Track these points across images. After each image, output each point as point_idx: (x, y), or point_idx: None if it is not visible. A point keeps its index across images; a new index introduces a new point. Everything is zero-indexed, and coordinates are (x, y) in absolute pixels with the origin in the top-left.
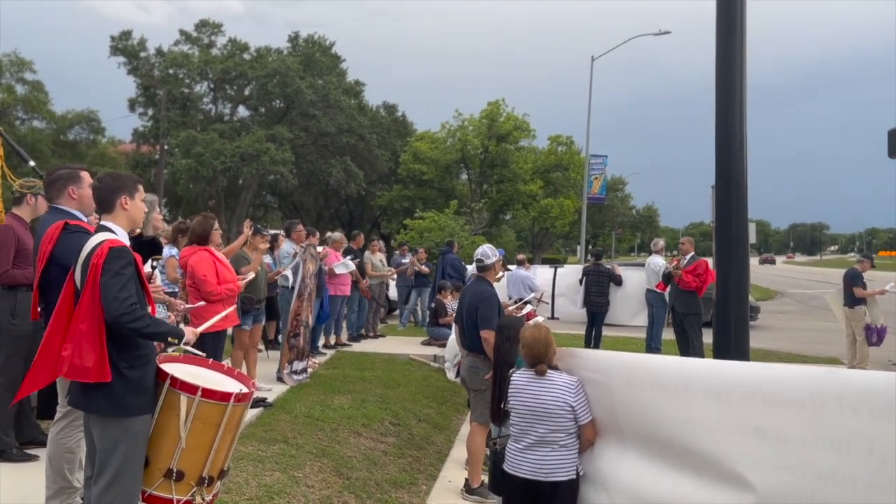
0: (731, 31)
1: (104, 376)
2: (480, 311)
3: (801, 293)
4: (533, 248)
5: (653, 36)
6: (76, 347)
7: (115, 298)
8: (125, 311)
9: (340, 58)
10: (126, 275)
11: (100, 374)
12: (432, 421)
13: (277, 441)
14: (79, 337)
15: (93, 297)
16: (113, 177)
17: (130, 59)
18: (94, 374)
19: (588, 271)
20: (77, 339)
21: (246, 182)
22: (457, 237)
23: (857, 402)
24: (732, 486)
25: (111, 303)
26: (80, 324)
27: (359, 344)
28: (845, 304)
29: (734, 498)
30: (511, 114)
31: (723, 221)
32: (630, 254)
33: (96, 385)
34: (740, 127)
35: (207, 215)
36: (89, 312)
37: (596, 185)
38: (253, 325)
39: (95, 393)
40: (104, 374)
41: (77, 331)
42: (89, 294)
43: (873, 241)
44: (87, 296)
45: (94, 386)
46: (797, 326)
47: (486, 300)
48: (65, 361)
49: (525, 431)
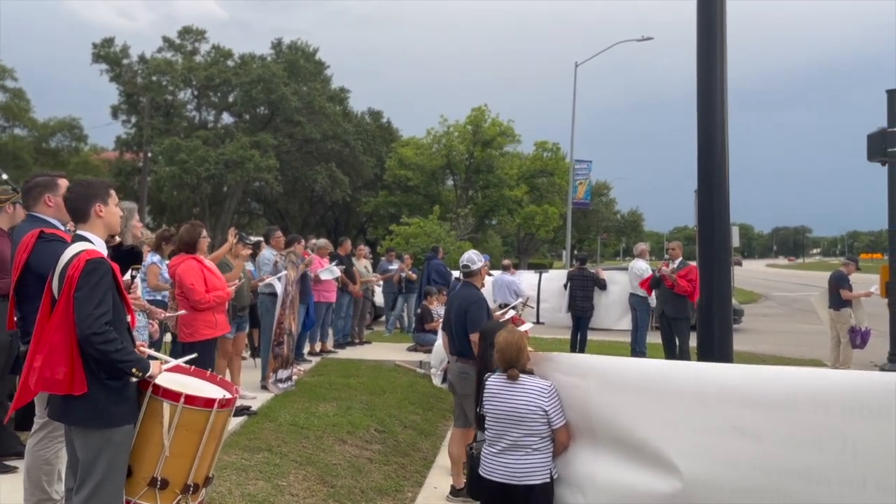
0: (712, 38)
1: (75, 389)
2: (470, 315)
3: (785, 296)
4: (519, 253)
5: (636, 42)
6: (47, 359)
7: (89, 315)
8: (97, 331)
9: (325, 64)
10: (102, 288)
11: (70, 387)
12: (418, 427)
13: (261, 449)
14: (50, 348)
15: (66, 308)
16: (84, 184)
17: (113, 66)
18: (65, 386)
19: (573, 276)
20: (48, 351)
21: (230, 189)
22: (442, 243)
23: (829, 400)
24: (709, 485)
25: (84, 319)
26: (52, 335)
27: (344, 351)
28: (831, 307)
29: (710, 496)
30: (496, 119)
31: (706, 225)
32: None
33: (77, 396)
34: (722, 132)
35: (195, 223)
36: (62, 324)
37: (581, 189)
38: (236, 333)
39: (76, 404)
40: (75, 387)
41: (49, 342)
42: (63, 305)
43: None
44: (62, 307)
45: (74, 397)
46: (780, 329)
47: (476, 304)
48: (35, 373)
49: (499, 435)
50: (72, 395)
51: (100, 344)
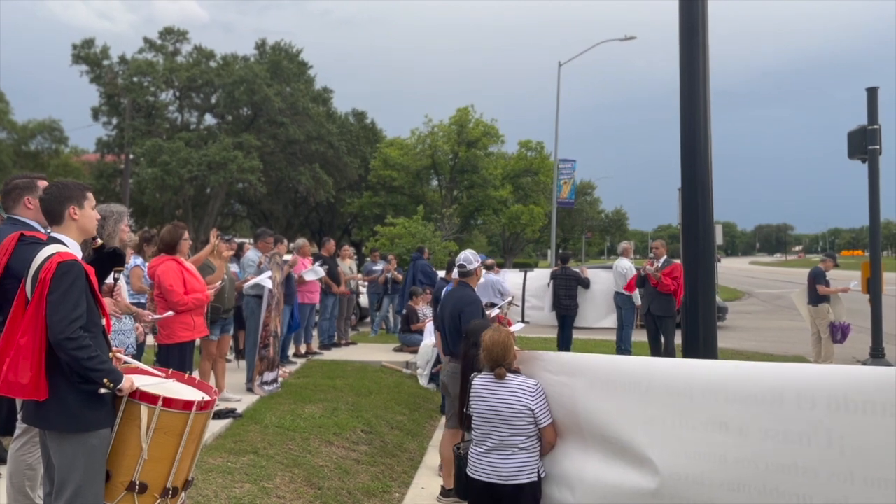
0: (694, 37)
1: (39, 394)
2: (465, 316)
3: (768, 293)
4: (504, 252)
5: (619, 41)
6: (13, 362)
7: (62, 320)
8: (70, 336)
9: (308, 65)
10: (76, 291)
11: (35, 392)
12: (405, 428)
13: (247, 452)
14: (16, 351)
15: (37, 312)
16: (58, 186)
17: (93, 68)
18: (29, 391)
19: (555, 275)
20: (15, 354)
21: (214, 191)
22: (428, 243)
23: (814, 395)
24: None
25: (57, 324)
26: (20, 338)
27: (330, 352)
28: (809, 303)
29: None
30: (480, 120)
31: (689, 224)
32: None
33: (50, 401)
34: (705, 131)
35: (178, 224)
36: (31, 327)
37: (565, 189)
38: (220, 335)
39: (49, 408)
40: (39, 392)
41: (16, 345)
42: (34, 309)
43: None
44: (32, 310)
45: (48, 402)
46: (764, 326)
47: (472, 304)
48: (0, 376)
49: (485, 435)
50: (45, 400)
51: (72, 350)
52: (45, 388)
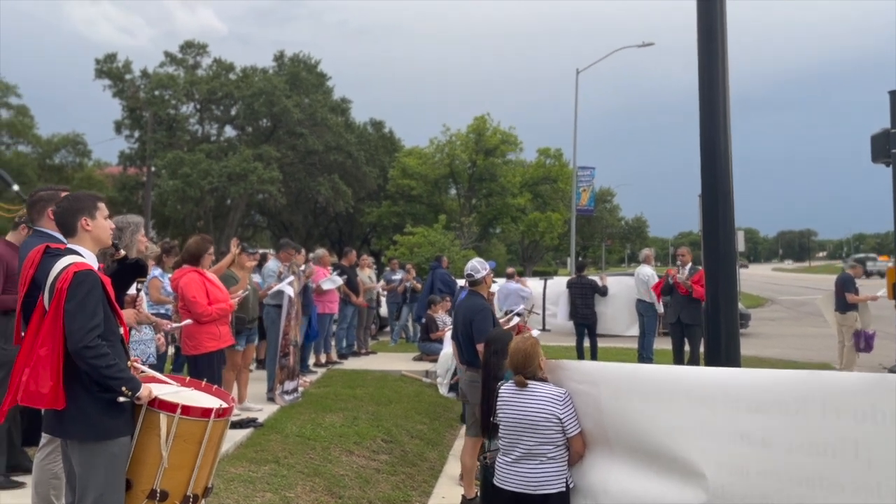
0: (712, 42)
1: (58, 403)
2: (475, 325)
3: (792, 300)
4: (523, 261)
5: (637, 48)
6: (33, 372)
7: (80, 328)
8: (89, 344)
9: (326, 76)
10: (92, 300)
11: (54, 401)
12: (425, 437)
13: (268, 461)
14: (36, 361)
15: (55, 322)
16: (71, 198)
17: (116, 82)
18: (48, 400)
19: (571, 283)
20: (35, 364)
21: (234, 202)
22: (447, 252)
23: (840, 404)
24: (718, 494)
25: (75, 332)
26: (39, 348)
27: (350, 361)
28: (836, 310)
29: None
30: (498, 128)
31: (710, 230)
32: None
33: (70, 410)
34: (725, 136)
35: (206, 237)
36: (49, 337)
37: (584, 196)
38: (246, 346)
39: (69, 418)
40: (58, 402)
41: (36, 355)
42: (52, 318)
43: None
44: (50, 320)
45: (67, 411)
46: (788, 333)
47: (481, 313)
48: (21, 386)
49: (513, 444)
50: (65, 409)
51: (91, 358)
52: (63, 397)
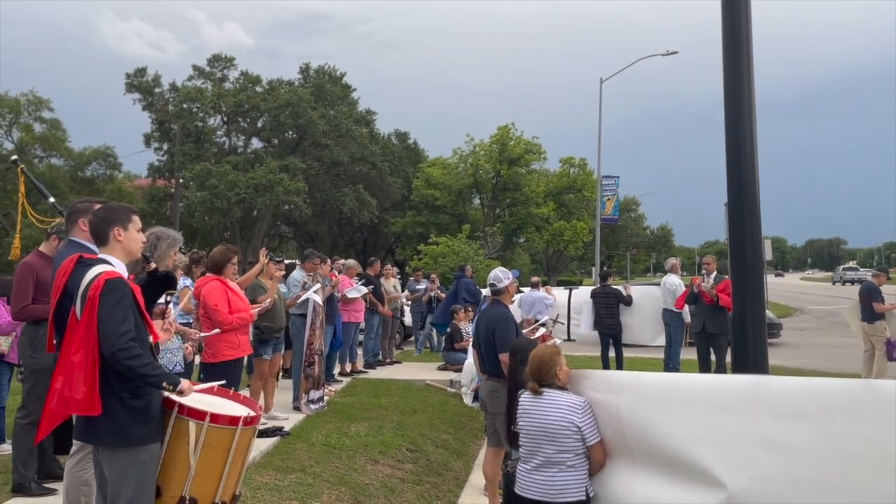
0: (738, 49)
1: (93, 409)
2: (498, 334)
3: (821, 309)
4: (548, 270)
5: (661, 56)
6: (67, 379)
7: (114, 332)
8: (123, 347)
9: (351, 87)
10: (124, 306)
11: (89, 408)
12: (450, 447)
13: (294, 470)
14: (70, 368)
15: (87, 328)
16: (106, 209)
17: (145, 96)
18: (84, 406)
19: (595, 293)
20: (69, 371)
21: (260, 213)
22: (471, 261)
23: (866, 411)
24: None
25: (109, 336)
26: (72, 355)
27: (375, 371)
28: (863, 319)
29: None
30: (521, 137)
31: (736, 239)
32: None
33: (100, 417)
34: (751, 144)
35: (230, 247)
36: (83, 344)
37: (609, 205)
38: (273, 355)
39: (99, 424)
40: (93, 408)
41: (69, 362)
42: (84, 326)
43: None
44: (83, 327)
45: (98, 418)
46: (818, 343)
47: (503, 322)
48: (55, 393)
49: (533, 452)
50: (94, 417)
51: (126, 360)
52: (98, 404)
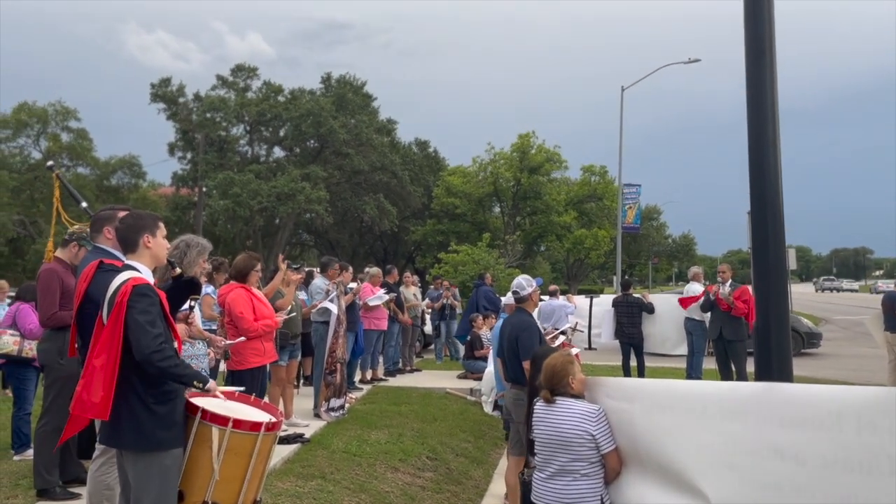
0: (761, 57)
1: (104, 414)
2: (521, 341)
3: (847, 319)
4: (568, 279)
5: (683, 64)
6: (87, 382)
7: (146, 335)
8: (156, 349)
9: (372, 97)
10: (153, 311)
11: (102, 412)
12: (470, 455)
13: (315, 477)
14: (91, 372)
15: (112, 333)
16: (134, 216)
17: (170, 105)
18: (98, 410)
19: (617, 302)
20: (89, 374)
21: (282, 221)
22: (491, 270)
23: (876, 419)
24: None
25: (142, 340)
26: (94, 359)
27: (395, 378)
28: (887, 329)
29: None
30: (542, 146)
31: (759, 248)
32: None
33: (125, 421)
34: (774, 152)
35: (253, 255)
36: (105, 348)
37: (630, 214)
38: (289, 361)
39: (124, 429)
40: (105, 412)
41: (91, 366)
42: (109, 331)
43: None
44: (108, 332)
45: (122, 422)
46: (844, 353)
47: (527, 330)
48: (76, 396)
49: (548, 461)
50: (119, 421)
51: (159, 361)
52: (109, 408)
